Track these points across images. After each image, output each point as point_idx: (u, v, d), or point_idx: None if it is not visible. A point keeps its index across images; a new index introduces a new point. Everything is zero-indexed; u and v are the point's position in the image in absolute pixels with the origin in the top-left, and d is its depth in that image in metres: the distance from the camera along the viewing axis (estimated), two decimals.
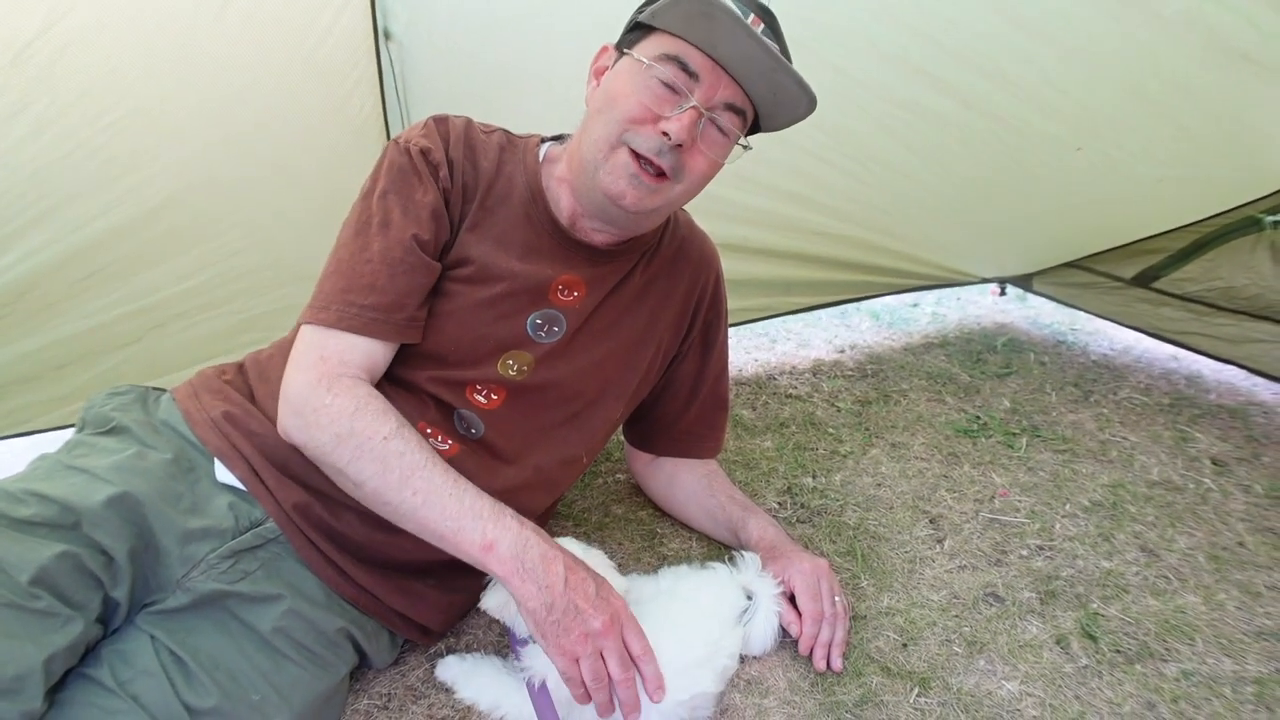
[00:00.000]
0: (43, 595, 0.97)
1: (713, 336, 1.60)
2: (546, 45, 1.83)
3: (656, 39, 1.20)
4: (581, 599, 1.09)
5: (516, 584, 1.09)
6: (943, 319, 3.19)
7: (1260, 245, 2.25)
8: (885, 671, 1.34)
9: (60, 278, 1.77)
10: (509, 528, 1.11)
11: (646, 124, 1.19)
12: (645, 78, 1.19)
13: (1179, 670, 1.35)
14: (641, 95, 1.19)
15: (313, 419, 1.14)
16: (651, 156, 1.20)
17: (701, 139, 1.22)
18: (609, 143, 1.21)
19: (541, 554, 1.10)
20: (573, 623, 1.08)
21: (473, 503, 1.12)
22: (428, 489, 1.11)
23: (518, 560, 1.09)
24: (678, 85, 1.18)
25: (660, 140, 1.19)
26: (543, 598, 1.08)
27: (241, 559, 1.15)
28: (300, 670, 1.15)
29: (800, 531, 1.71)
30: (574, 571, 1.12)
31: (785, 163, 2.13)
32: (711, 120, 1.21)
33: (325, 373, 1.16)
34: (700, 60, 1.18)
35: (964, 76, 1.91)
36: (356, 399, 1.14)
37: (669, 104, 1.19)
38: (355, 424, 1.12)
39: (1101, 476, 1.94)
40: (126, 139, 1.67)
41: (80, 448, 1.19)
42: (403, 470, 1.11)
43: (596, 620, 1.09)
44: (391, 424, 1.14)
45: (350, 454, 1.12)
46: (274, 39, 1.67)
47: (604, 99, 1.24)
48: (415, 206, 1.24)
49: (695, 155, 1.23)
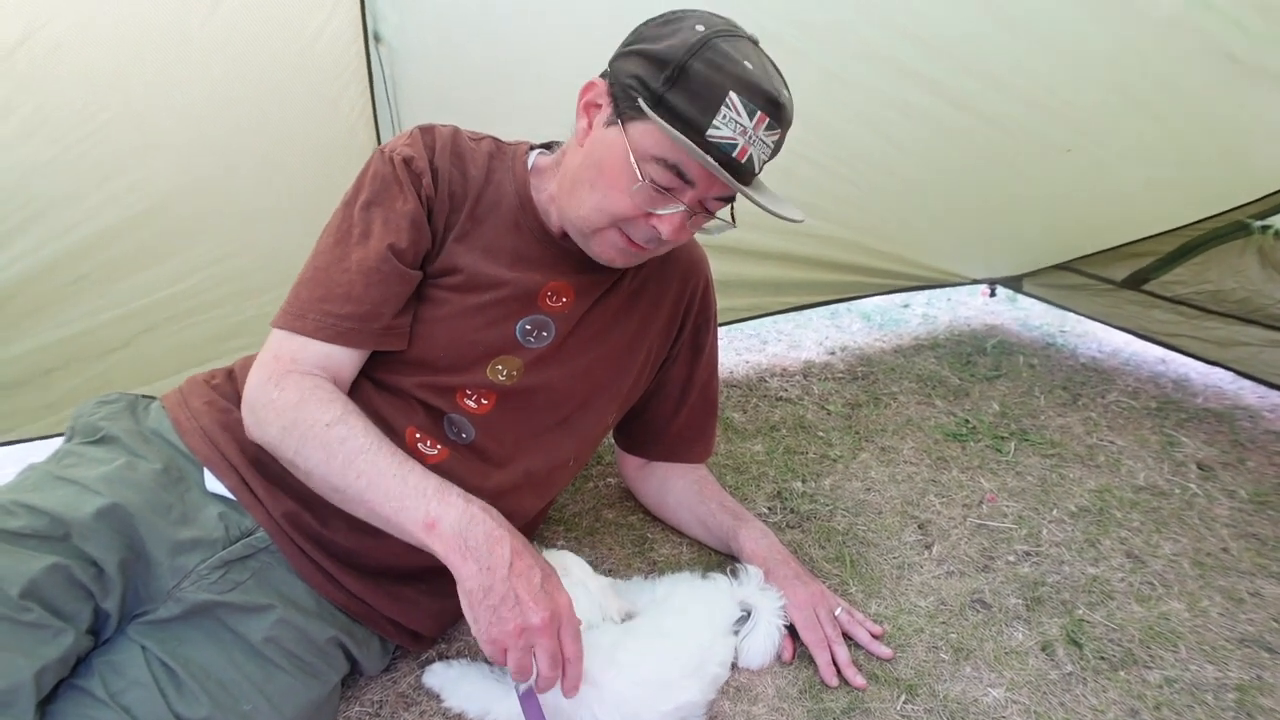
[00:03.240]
0: (33, 608, 0.97)
1: (702, 340, 1.61)
2: (537, 48, 1.82)
3: (654, 132, 1.14)
4: (524, 588, 1.05)
5: (457, 561, 1.04)
6: (933, 320, 3.20)
7: (1249, 249, 2.27)
8: (873, 678, 1.35)
9: (47, 282, 1.76)
10: (453, 505, 1.08)
11: (639, 219, 1.21)
12: (639, 179, 1.16)
13: (1162, 677, 1.36)
14: (635, 198, 1.18)
15: (262, 414, 1.15)
16: (641, 244, 1.23)
17: (690, 223, 1.24)
18: (598, 226, 1.23)
19: (487, 533, 1.06)
20: (509, 612, 1.04)
21: (417, 482, 1.09)
22: (371, 471, 1.09)
23: (460, 538, 1.05)
24: (672, 189, 1.18)
25: (651, 232, 1.21)
26: (481, 579, 1.04)
27: (232, 569, 1.15)
28: (291, 679, 1.16)
29: (790, 537, 1.72)
30: (520, 557, 1.07)
31: (773, 164, 2.10)
32: (704, 211, 1.23)
33: (276, 370, 1.17)
34: (697, 170, 1.15)
35: (953, 77, 1.91)
36: (301, 390, 1.15)
37: (661, 203, 1.19)
38: (299, 414, 1.13)
39: (1088, 481, 1.96)
40: (114, 143, 1.66)
41: (69, 457, 1.19)
42: (346, 455, 1.10)
43: (536, 615, 1.04)
44: (335, 411, 1.13)
45: (296, 443, 1.12)
46: (263, 42, 1.66)
47: (595, 173, 1.20)
48: (395, 216, 1.23)
49: (683, 235, 1.25)
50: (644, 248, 1.25)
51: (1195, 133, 1.95)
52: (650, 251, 1.27)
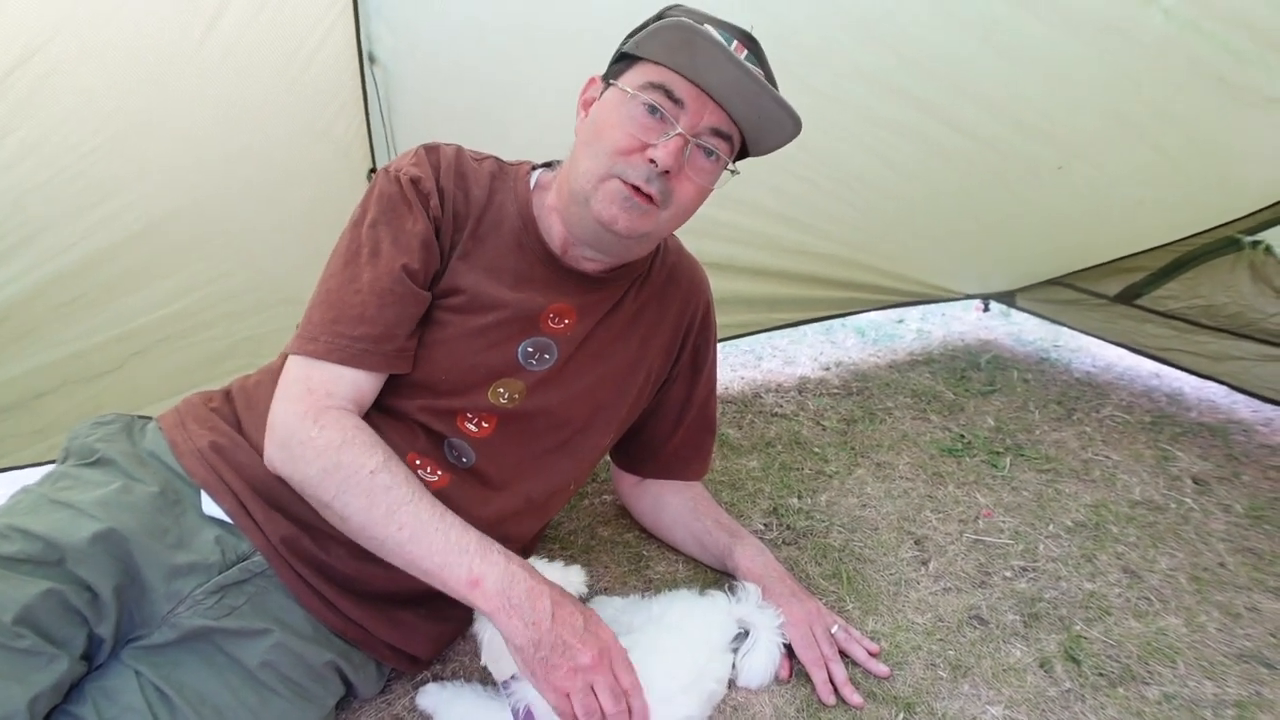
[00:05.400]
0: (27, 634, 0.96)
1: (701, 361, 1.61)
2: (532, 70, 1.83)
3: (641, 68, 1.21)
4: (569, 634, 1.09)
5: (503, 620, 1.08)
6: (928, 335, 3.21)
7: (1239, 264, 2.28)
8: (870, 696, 1.34)
9: (40, 304, 1.76)
10: (495, 563, 1.11)
11: (634, 154, 1.20)
12: (631, 107, 1.20)
13: (1160, 693, 1.36)
14: (628, 126, 1.20)
15: (299, 452, 1.14)
16: (640, 184, 1.20)
17: (689, 165, 1.23)
18: (599, 175, 1.21)
19: (528, 589, 1.10)
20: (560, 659, 1.08)
21: (459, 538, 1.11)
22: (414, 524, 1.10)
23: (504, 596, 1.09)
24: (663, 112, 1.19)
25: (648, 168, 1.19)
26: (530, 634, 1.08)
27: (228, 594, 1.14)
28: (287, 704, 1.15)
29: (786, 554, 1.72)
30: (561, 606, 1.12)
31: (769, 182, 2.15)
32: (698, 146, 1.22)
33: (313, 405, 1.16)
34: (685, 88, 1.18)
35: (945, 98, 1.92)
36: (344, 431, 1.14)
37: (655, 132, 1.19)
38: (342, 457, 1.12)
39: (1084, 496, 1.96)
40: (109, 165, 1.66)
41: (64, 480, 1.18)
42: (389, 504, 1.10)
43: (585, 655, 1.09)
44: (379, 457, 1.13)
45: (336, 487, 1.11)
46: (258, 64, 1.67)
47: (592, 131, 1.24)
48: (405, 236, 1.24)
49: (683, 181, 1.23)
50: (647, 197, 1.21)
51: (1186, 153, 1.97)
52: (654, 209, 1.22)
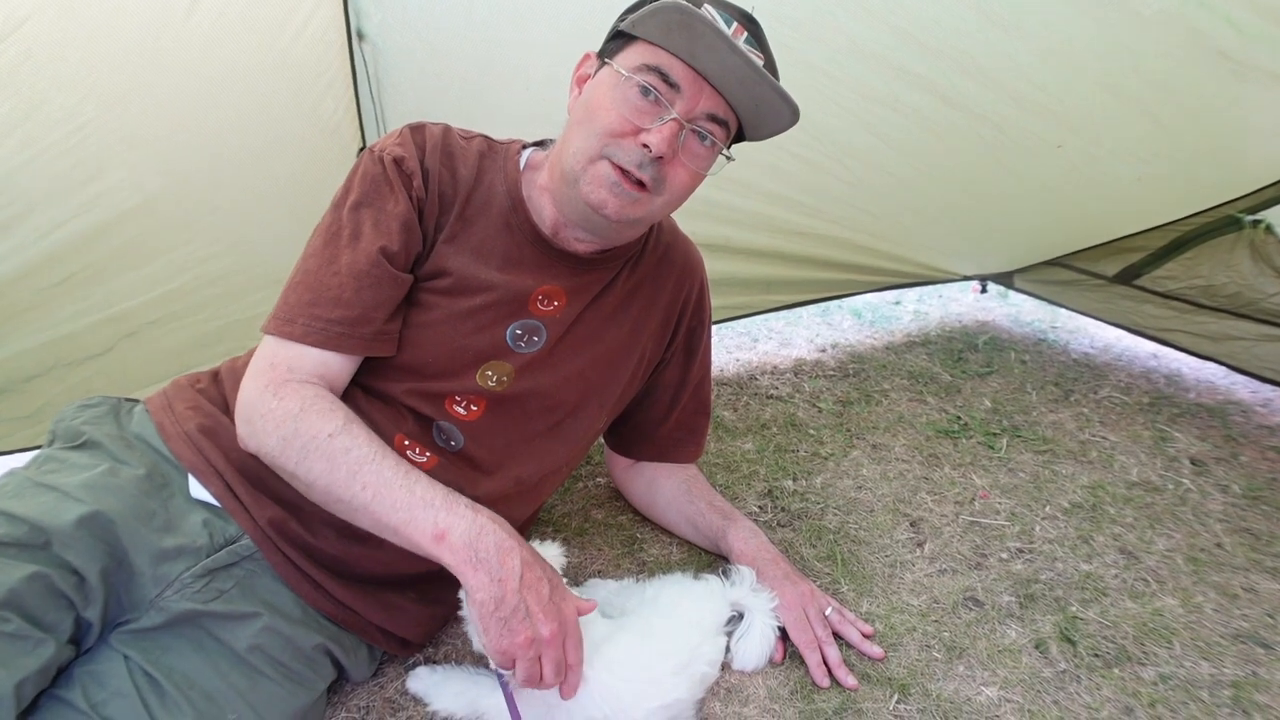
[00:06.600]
0: (12, 618, 0.95)
1: (696, 344, 1.59)
2: (523, 46, 1.81)
3: (637, 49, 1.18)
4: (534, 601, 1.06)
5: (468, 573, 1.04)
6: (925, 316, 3.20)
7: (1240, 244, 2.26)
8: (865, 678, 1.34)
9: (27, 285, 1.74)
10: (462, 515, 1.07)
11: (627, 136, 1.17)
12: (625, 88, 1.17)
13: (1157, 674, 1.36)
14: (621, 107, 1.17)
15: (259, 424, 1.12)
16: (632, 169, 1.18)
17: (683, 150, 1.20)
18: (589, 155, 1.19)
19: (497, 544, 1.06)
20: (520, 625, 1.04)
21: (424, 492, 1.08)
22: (377, 482, 1.08)
23: (470, 549, 1.05)
24: (658, 95, 1.16)
25: (641, 153, 1.17)
26: (493, 590, 1.04)
27: (216, 577, 1.13)
28: (277, 687, 1.14)
29: (780, 535, 1.71)
30: (530, 568, 1.08)
31: (765, 162, 2.12)
32: (693, 131, 1.19)
33: (273, 379, 1.15)
34: (682, 71, 1.16)
35: (944, 74, 1.90)
36: (302, 399, 1.12)
37: (649, 115, 1.17)
38: (299, 424, 1.10)
39: (1081, 477, 1.95)
40: (94, 143, 1.64)
41: (50, 463, 1.17)
42: (349, 466, 1.08)
43: (545, 628, 1.06)
44: (337, 421, 1.11)
45: (298, 454, 1.10)
46: (244, 40, 1.65)
47: (585, 110, 1.22)
48: (386, 218, 1.22)
49: (676, 167, 1.21)
50: (637, 183, 1.19)
51: (1187, 129, 1.94)
52: (645, 195, 1.21)
